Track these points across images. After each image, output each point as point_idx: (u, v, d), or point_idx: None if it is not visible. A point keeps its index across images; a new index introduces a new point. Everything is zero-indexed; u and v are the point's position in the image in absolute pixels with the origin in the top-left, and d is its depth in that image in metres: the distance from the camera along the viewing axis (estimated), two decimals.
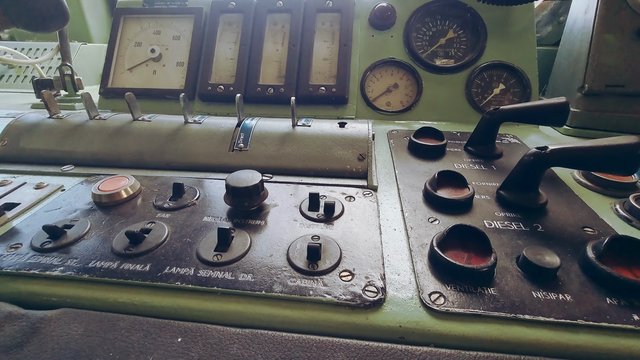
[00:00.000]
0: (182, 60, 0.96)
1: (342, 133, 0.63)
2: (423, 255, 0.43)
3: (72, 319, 0.37)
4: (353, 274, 0.40)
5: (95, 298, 0.39)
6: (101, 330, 0.35)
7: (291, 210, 0.51)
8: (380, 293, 0.37)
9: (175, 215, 0.50)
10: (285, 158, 0.61)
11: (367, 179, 0.59)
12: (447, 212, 0.51)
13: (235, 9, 0.93)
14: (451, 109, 0.87)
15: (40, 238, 0.45)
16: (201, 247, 0.43)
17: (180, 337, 0.35)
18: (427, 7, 0.90)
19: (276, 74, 0.90)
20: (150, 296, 0.38)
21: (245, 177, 0.50)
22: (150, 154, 0.64)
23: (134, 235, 0.43)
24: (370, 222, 0.49)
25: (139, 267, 0.40)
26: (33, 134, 0.68)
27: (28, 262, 0.41)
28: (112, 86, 0.95)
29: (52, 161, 0.65)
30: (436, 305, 0.36)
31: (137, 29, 0.99)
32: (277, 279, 0.39)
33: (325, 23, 0.92)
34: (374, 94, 0.90)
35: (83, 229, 0.46)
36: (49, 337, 0.35)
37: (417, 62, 0.89)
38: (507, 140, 0.74)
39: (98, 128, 0.67)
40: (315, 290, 0.38)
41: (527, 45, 0.88)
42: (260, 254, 0.42)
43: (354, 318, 0.36)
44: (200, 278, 0.39)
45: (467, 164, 0.64)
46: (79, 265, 0.41)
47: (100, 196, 0.52)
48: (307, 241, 0.44)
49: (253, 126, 0.66)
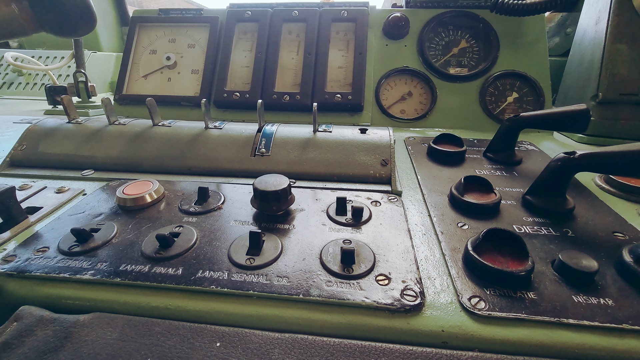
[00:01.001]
0: (196, 68, 0.96)
1: (364, 139, 0.64)
2: (457, 260, 0.42)
3: (105, 323, 0.36)
4: (389, 278, 0.39)
5: (128, 302, 0.38)
6: (137, 335, 0.34)
7: (318, 214, 0.51)
8: (419, 297, 0.37)
9: (202, 219, 0.49)
10: (308, 163, 0.61)
11: (390, 184, 0.59)
12: (475, 217, 0.51)
13: (251, 18, 0.94)
14: (465, 117, 0.88)
15: (67, 241, 0.44)
16: (232, 250, 0.43)
17: (219, 342, 0.34)
18: (440, 17, 0.92)
19: (291, 82, 0.91)
20: (185, 300, 0.38)
21: (273, 181, 0.49)
22: (171, 158, 0.64)
23: (164, 238, 0.42)
24: (399, 226, 0.48)
25: (171, 271, 0.40)
26: (52, 138, 0.67)
27: (57, 266, 0.41)
28: (126, 93, 0.96)
29: (72, 166, 0.65)
30: (478, 309, 0.35)
31: (153, 37, 1.00)
32: (313, 283, 0.38)
33: (340, 32, 0.93)
34: (388, 102, 0.91)
35: (110, 232, 0.46)
36: (83, 342, 0.34)
37: (431, 70, 0.90)
38: (525, 147, 0.74)
39: (118, 133, 0.67)
40: (352, 294, 0.37)
41: (539, 54, 0.90)
42: (292, 258, 0.42)
43: (394, 322, 0.35)
44: (234, 282, 0.38)
45: (488, 170, 0.64)
46: (109, 269, 0.40)
47: (125, 200, 0.52)
48: (338, 245, 0.43)
49: (274, 132, 0.66)
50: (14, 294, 0.39)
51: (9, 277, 0.40)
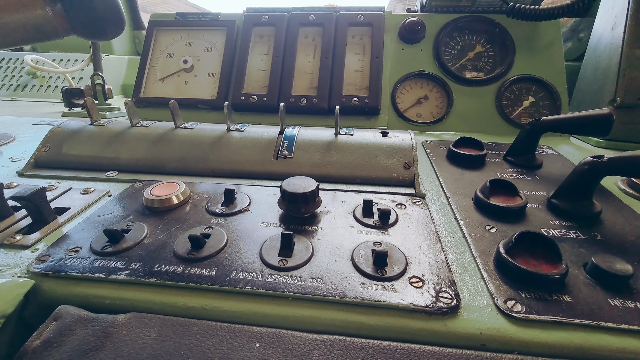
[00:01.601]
0: (213, 71, 0.97)
1: (386, 142, 0.64)
2: (488, 263, 0.42)
3: (143, 323, 0.36)
4: (423, 280, 0.39)
5: (164, 302, 0.38)
6: (175, 335, 0.35)
7: (345, 216, 0.51)
8: (455, 299, 0.37)
9: (230, 220, 0.50)
10: (330, 166, 0.62)
11: (414, 187, 0.59)
12: (501, 220, 0.51)
13: (268, 22, 0.95)
14: (482, 121, 0.88)
15: (100, 242, 0.44)
16: (264, 252, 0.43)
17: (258, 343, 0.34)
18: (456, 22, 0.93)
19: (308, 85, 0.91)
20: (221, 301, 0.38)
21: (301, 184, 0.50)
22: (194, 160, 0.64)
23: (196, 239, 0.43)
24: (426, 229, 0.49)
25: (205, 272, 0.40)
26: (75, 140, 0.68)
27: (92, 266, 0.41)
28: (144, 96, 0.96)
29: (95, 167, 0.65)
30: (515, 312, 0.35)
31: (170, 41, 1.01)
32: (348, 285, 0.38)
33: (356, 36, 0.94)
34: (404, 105, 0.91)
35: (141, 233, 0.46)
36: (123, 342, 0.34)
37: (447, 74, 0.91)
38: (544, 151, 0.74)
39: (140, 135, 0.68)
40: (388, 296, 0.37)
41: (555, 59, 0.90)
42: (324, 260, 0.42)
43: (431, 325, 0.35)
44: (269, 283, 0.39)
45: (509, 174, 0.64)
46: (144, 269, 0.40)
47: (153, 201, 0.52)
48: (369, 247, 0.44)
49: (296, 134, 0.66)
50: (50, 293, 0.40)
51: (44, 277, 0.40)
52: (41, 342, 0.34)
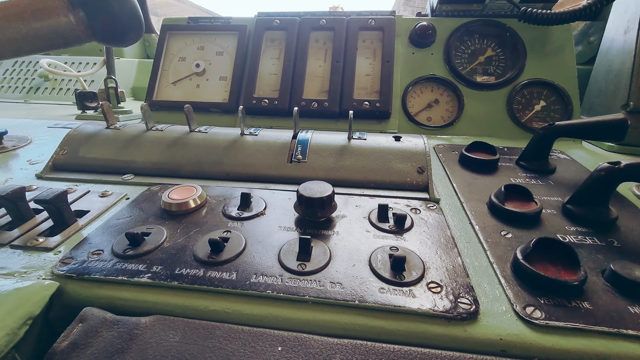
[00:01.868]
0: (224, 75, 0.98)
1: (399, 147, 0.64)
2: (505, 268, 0.43)
3: (166, 326, 0.37)
4: (441, 286, 0.40)
5: (187, 305, 0.39)
6: (199, 337, 0.35)
7: (360, 221, 0.51)
8: (474, 305, 0.37)
9: (247, 224, 0.50)
10: (344, 170, 0.62)
11: (428, 191, 0.59)
12: (516, 225, 0.51)
13: (279, 26, 0.96)
14: (493, 125, 0.88)
15: (121, 245, 0.45)
16: (282, 256, 0.43)
17: (280, 346, 0.34)
18: (467, 26, 0.93)
19: (319, 89, 0.92)
20: (242, 304, 0.38)
21: (317, 188, 0.50)
22: (209, 164, 0.65)
23: (216, 243, 0.43)
24: (442, 234, 0.49)
25: (226, 276, 0.41)
26: (92, 143, 0.69)
27: (114, 269, 0.42)
28: (156, 99, 0.98)
29: (112, 170, 0.67)
30: (534, 318, 0.36)
31: (182, 45, 1.02)
32: (367, 290, 0.39)
33: (366, 40, 0.94)
34: (415, 109, 0.91)
35: (160, 236, 0.47)
36: (148, 344, 0.35)
37: (457, 79, 0.91)
38: (556, 156, 0.74)
39: (156, 139, 0.69)
40: (407, 301, 0.37)
41: (567, 63, 0.90)
42: (342, 264, 0.42)
43: (451, 330, 0.36)
44: (289, 287, 0.39)
45: (522, 179, 0.64)
46: (165, 272, 0.41)
47: (171, 204, 0.53)
48: (386, 252, 0.44)
49: (309, 139, 0.67)
50: (74, 295, 0.40)
51: (68, 279, 0.41)
52: (68, 343, 0.35)
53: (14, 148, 0.80)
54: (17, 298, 0.37)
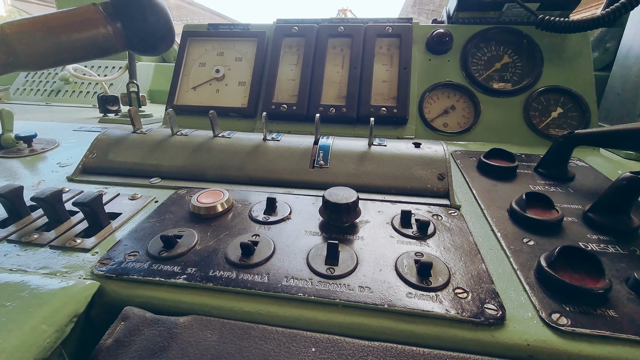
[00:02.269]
0: (243, 80, 1.00)
1: (419, 153, 0.65)
2: (529, 275, 0.43)
3: (204, 325, 0.38)
4: (467, 291, 0.41)
5: (222, 306, 0.40)
6: (235, 337, 0.37)
7: (384, 226, 0.53)
8: (501, 311, 0.38)
9: (274, 228, 0.52)
10: (365, 176, 0.63)
11: (449, 198, 0.60)
12: (538, 233, 0.52)
13: (297, 33, 0.98)
14: (510, 132, 0.89)
15: (155, 247, 0.47)
16: (311, 260, 0.45)
17: (314, 348, 0.36)
18: (484, 33, 0.94)
19: (336, 95, 0.94)
20: (275, 306, 0.40)
21: (343, 194, 0.52)
22: (233, 169, 0.67)
23: (247, 247, 0.45)
24: (465, 240, 0.50)
25: (258, 278, 0.42)
26: (120, 147, 0.72)
27: (151, 270, 0.44)
28: (177, 103, 1.00)
29: (139, 173, 0.69)
30: (561, 325, 0.36)
31: (202, 51, 1.04)
32: (395, 294, 0.40)
33: (383, 47, 0.96)
34: (431, 115, 0.93)
35: (192, 239, 0.49)
36: (187, 343, 0.36)
37: (474, 85, 0.92)
38: (575, 163, 0.75)
39: (181, 143, 0.71)
40: (434, 306, 0.39)
41: (584, 70, 0.90)
42: (370, 269, 0.44)
43: (479, 335, 0.37)
44: (319, 290, 0.41)
45: (542, 186, 0.65)
46: (200, 274, 0.43)
47: (200, 208, 0.55)
48: (411, 257, 0.45)
49: (331, 144, 0.68)
50: (114, 295, 0.42)
51: (108, 279, 0.43)
52: (113, 340, 0.36)
53: (43, 151, 0.83)
54: (63, 297, 0.39)
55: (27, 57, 0.47)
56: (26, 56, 0.47)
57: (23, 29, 0.46)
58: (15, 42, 0.46)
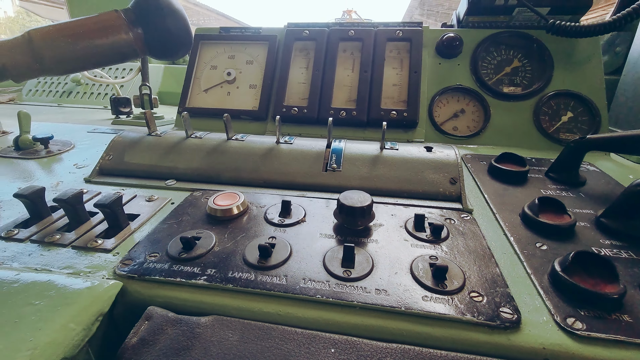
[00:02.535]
0: (254, 83, 1.02)
1: (431, 157, 0.66)
2: (543, 279, 0.44)
3: (225, 326, 0.39)
4: (482, 295, 0.41)
5: (242, 307, 0.41)
6: (256, 338, 0.38)
7: (397, 230, 0.53)
8: (516, 314, 0.39)
9: (289, 231, 0.53)
10: (378, 179, 0.64)
11: (461, 202, 0.61)
12: (550, 237, 0.52)
13: (308, 37, 0.99)
14: (519, 136, 0.89)
15: (175, 248, 0.48)
16: (327, 262, 0.46)
17: (333, 349, 0.37)
18: (494, 37, 0.94)
19: (346, 98, 0.94)
20: (293, 308, 0.41)
21: (357, 198, 0.53)
22: (247, 171, 0.68)
23: (265, 249, 0.46)
24: (478, 244, 0.51)
25: (276, 280, 0.43)
26: (136, 149, 0.73)
27: (172, 270, 0.45)
28: (189, 106, 1.02)
29: (155, 175, 0.70)
30: (576, 329, 0.37)
31: (213, 54, 1.06)
32: (411, 297, 0.41)
33: (393, 51, 0.97)
34: (441, 119, 0.93)
35: (210, 241, 0.50)
36: (210, 342, 0.37)
37: (484, 89, 0.92)
38: (585, 168, 0.75)
39: (196, 146, 0.72)
40: (450, 309, 0.39)
41: (594, 74, 0.90)
42: (385, 272, 0.45)
43: (495, 338, 0.37)
44: (337, 292, 0.41)
45: (553, 191, 0.65)
46: (220, 275, 0.44)
47: (216, 210, 0.56)
48: (426, 260, 0.46)
49: (343, 148, 0.69)
50: (136, 294, 0.43)
51: (130, 279, 0.44)
52: (138, 339, 0.38)
53: (59, 152, 0.85)
54: (89, 296, 0.40)
55: (52, 62, 0.48)
56: (51, 61, 0.48)
57: (49, 35, 0.48)
58: (41, 48, 0.47)
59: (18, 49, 0.46)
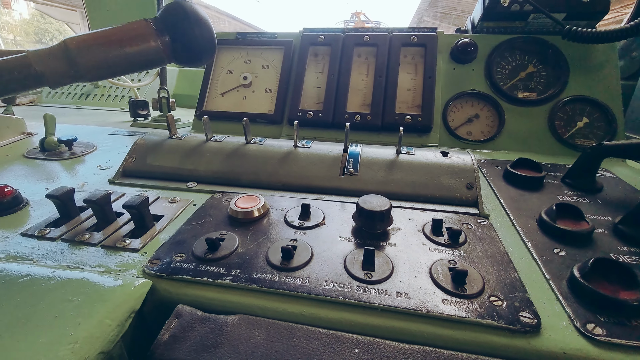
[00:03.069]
0: (270, 87, 1.04)
1: (447, 162, 0.67)
2: (561, 285, 0.45)
3: (251, 325, 0.41)
4: (501, 299, 0.42)
5: (267, 307, 0.43)
6: (282, 337, 0.39)
7: (415, 234, 0.54)
8: (536, 319, 0.39)
9: (309, 233, 0.54)
10: (394, 184, 0.65)
11: (477, 207, 0.61)
12: (568, 244, 0.52)
13: (324, 42, 1.01)
14: (534, 141, 0.89)
15: (200, 249, 0.50)
16: (348, 264, 0.47)
17: (357, 349, 0.38)
18: (509, 43, 0.95)
19: (361, 102, 0.96)
20: (317, 309, 0.42)
21: (376, 202, 0.54)
22: (266, 174, 0.70)
23: (288, 251, 0.47)
24: (496, 249, 0.51)
25: (299, 281, 0.44)
26: (158, 152, 0.75)
27: (199, 270, 0.46)
28: (206, 109, 1.04)
29: (176, 177, 0.72)
30: (596, 335, 0.38)
31: (230, 58, 1.08)
32: (432, 300, 0.42)
33: (408, 56, 0.98)
34: (455, 123, 0.94)
35: (234, 242, 0.51)
36: (238, 340, 0.39)
37: (498, 94, 0.93)
38: (602, 174, 0.75)
39: (216, 149, 0.74)
40: (470, 313, 0.40)
41: (611, 80, 0.90)
42: (405, 275, 0.46)
43: (516, 342, 0.38)
44: (359, 294, 0.43)
45: (569, 197, 0.66)
46: (245, 276, 0.45)
47: (237, 212, 0.57)
48: (445, 265, 0.47)
49: (360, 152, 0.70)
50: (165, 293, 0.45)
51: (159, 278, 0.46)
52: (170, 336, 0.39)
53: (83, 154, 0.87)
54: (123, 294, 0.42)
55: (86, 69, 0.51)
56: (85, 68, 0.51)
57: (84, 43, 0.50)
58: (77, 55, 0.49)
59: (55, 57, 0.48)
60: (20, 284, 0.43)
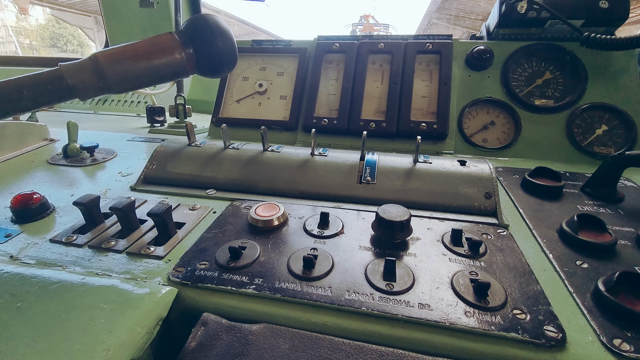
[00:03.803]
0: (285, 94, 1.05)
1: (465, 171, 0.67)
2: (586, 299, 0.44)
3: (275, 334, 0.41)
4: (525, 312, 0.42)
5: (290, 317, 0.43)
6: (306, 347, 0.40)
7: (435, 244, 0.55)
8: (561, 333, 0.39)
9: (329, 242, 0.55)
10: (412, 193, 0.66)
11: (496, 216, 0.61)
12: (591, 255, 0.52)
13: (338, 49, 1.02)
14: (552, 149, 0.88)
15: (222, 257, 0.51)
16: (369, 275, 0.47)
17: None
18: (526, 49, 0.94)
19: (376, 109, 0.96)
20: (340, 319, 0.43)
21: (396, 212, 0.54)
22: (284, 182, 0.70)
23: (310, 260, 0.48)
24: (517, 260, 0.51)
25: (322, 291, 0.45)
26: (177, 159, 0.77)
27: (222, 279, 0.47)
28: (222, 116, 1.06)
29: (196, 184, 0.74)
30: (623, 350, 0.37)
31: (245, 66, 1.10)
32: (454, 312, 0.42)
33: (423, 63, 0.98)
34: (470, 131, 0.94)
35: (255, 251, 0.52)
36: (263, 349, 0.40)
37: (515, 101, 0.92)
38: (623, 184, 0.74)
39: (234, 157, 0.75)
40: (494, 326, 0.40)
41: (630, 86, 0.89)
42: (427, 286, 0.46)
43: (540, 356, 0.38)
44: (381, 305, 0.43)
45: (590, 207, 0.65)
46: (267, 285, 0.46)
47: (257, 220, 0.58)
48: (466, 276, 0.47)
49: (377, 161, 0.71)
50: (190, 301, 0.46)
51: (184, 286, 0.47)
52: (196, 344, 0.40)
53: (104, 160, 0.90)
54: (151, 301, 0.43)
55: (114, 82, 0.52)
56: (114, 81, 0.52)
57: (113, 57, 0.52)
58: (106, 68, 0.51)
59: (86, 70, 0.50)
60: (52, 290, 0.44)
